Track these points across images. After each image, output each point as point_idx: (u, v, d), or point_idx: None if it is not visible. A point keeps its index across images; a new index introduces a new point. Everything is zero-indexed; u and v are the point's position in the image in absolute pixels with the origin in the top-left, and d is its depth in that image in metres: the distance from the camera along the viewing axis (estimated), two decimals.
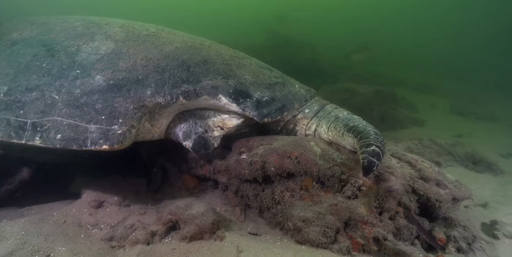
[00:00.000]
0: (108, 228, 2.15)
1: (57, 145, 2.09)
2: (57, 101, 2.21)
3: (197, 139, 2.38)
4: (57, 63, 2.40)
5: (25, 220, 2.02)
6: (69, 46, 2.50)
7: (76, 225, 2.13)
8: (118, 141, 2.10)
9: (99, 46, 2.49)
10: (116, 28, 2.73)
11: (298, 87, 2.80)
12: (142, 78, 2.30)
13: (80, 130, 2.12)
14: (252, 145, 2.51)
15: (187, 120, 2.47)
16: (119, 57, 2.40)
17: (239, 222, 2.33)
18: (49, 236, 1.94)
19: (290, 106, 2.57)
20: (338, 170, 2.09)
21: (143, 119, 2.26)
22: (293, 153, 2.22)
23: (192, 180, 2.65)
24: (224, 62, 2.59)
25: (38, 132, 2.10)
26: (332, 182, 2.10)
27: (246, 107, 2.38)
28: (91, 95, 2.23)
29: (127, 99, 2.22)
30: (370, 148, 1.90)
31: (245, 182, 2.39)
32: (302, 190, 2.22)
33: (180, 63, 2.42)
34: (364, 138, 2.05)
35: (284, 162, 2.20)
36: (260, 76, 2.64)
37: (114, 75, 2.30)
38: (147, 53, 2.46)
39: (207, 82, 2.36)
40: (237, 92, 2.40)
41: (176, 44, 2.62)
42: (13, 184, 2.34)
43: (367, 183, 1.98)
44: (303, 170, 2.17)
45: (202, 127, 2.46)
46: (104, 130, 2.12)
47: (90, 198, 2.34)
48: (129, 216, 2.29)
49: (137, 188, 2.67)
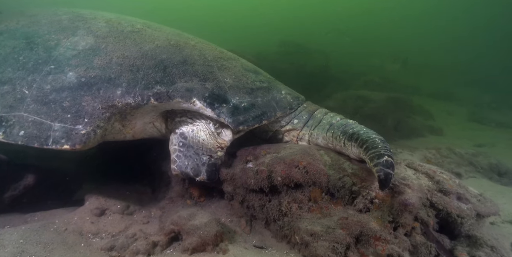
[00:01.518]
0: (109, 237, 2.09)
1: (19, 141, 2.02)
2: (27, 96, 2.14)
3: (209, 169, 2.25)
4: (34, 57, 2.33)
5: (26, 228, 1.99)
6: (50, 40, 2.44)
7: (77, 234, 2.08)
8: (81, 142, 2.01)
9: (78, 41, 2.41)
10: (101, 23, 2.66)
11: (284, 93, 2.60)
12: (114, 77, 2.21)
13: (44, 127, 2.04)
14: (258, 154, 2.41)
15: (187, 156, 2.30)
16: (96, 53, 2.32)
17: (244, 233, 2.22)
18: (48, 244, 1.90)
19: (271, 114, 2.39)
20: (349, 181, 1.96)
21: (112, 120, 2.17)
22: (301, 162, 2.11)
23: (197, 189, 2.57)
24: (206, 63, 2.46)
25: (2, 127, 2.03)
26: (343, 193, 1.97)
27: (221, 113, 2.23)
28: (61, 92, 2.15)
29: (96, 98, 2.13)
30: (382, 159, 1.75)
31: (251, 192, 2.29)
32: (311, 202, 2.10)
33: (157, 63, 2.31)
34: (372, 148, 1.87)
35: (292, 171, 2.09)
36: (243, 79, 2.48)
37: (86, 73, 2.22)
38: (124, 51, 2.36)
39: (182, 84, 2.24)
40: (214, 96, 2.25)
41: (158, 42, 2.51)
42: (17, 190, 2.33)
43: (380, 195, 1.84)
44: (311, 180, 2.06)
45: (206, 154, 2.31)
46: (68, 130, 2.04)
47: (93, 205, 2.30)
48: (132, 225, 2.23)
49: (141, 196, 2.62)
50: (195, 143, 2.34)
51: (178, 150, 2.32)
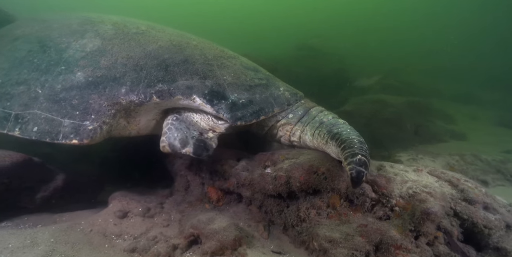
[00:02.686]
0: (131, 239, 2.16)
1: (33, 137, 2.16)
2: (40, 95, 2.29)
3: (197, 143, 2.29)
4: (46, 59, 2.49)
5: (55, 228, 2.09)
6: (61, 43, 2.60)
7: (101, 235, 2.16)
8: (88, 137, 2.14)
9: (86, 43, 2.56)
10: (108, 25, 2.79)
11: (283, 89, 2.64)
12: (119, 76, 2.33)
13: (55, 124, 2.18)
14: (277, 159, 2.43)
15: (178, 128, 2.36)
16: (102, 54, 2.45)
17: (262, 238, 2.23)
18: (75, 244, 1.98)
19: (268, 110, 2.44)
20: (368, 188, 1.94)
21: (117, 116, 2.28)
22: (319, 168, 2.11)
23: (216, 193, 2.61)
24: (206, 62, 2.54)
25: (18, 124, 2.18)
26: (362, 200, 1.95)
27: (220, 109, 2.30)
28: (70, 91, 2.29)
29: (102, 96, 2.25)
30: (356, 157, 1.78)
31: (269, 197, 2.31)
32: (329, 208, 2.09)
33: (159, 62, 2.41)
34: (348, 148, 1.91)
35: (310, 177, 2.09)
36: (241, 77, 2.54)
37: (93, 73, 2.35)
38: (129, 52, 2.48)
39: (183, 82, 2.32)
40: (213, 93, 2.33)
41: (161, 42, 2.62)
42: (47, 191, 2.45)
43: (401, 203, 1.81)
44: (330, 186, 2.05)
45: (197, 131, 2.38)
46: (76, 125, 2.17)
47: (116, 208, 2.38)
48: (152, 227, 2.29)
49: (161, 199, 2.69)
50: (188, 121, 2.42)
51: (170, 123, 2.38)
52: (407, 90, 6.60)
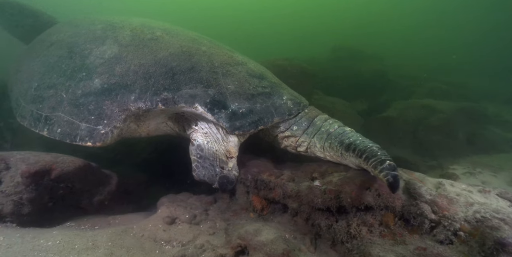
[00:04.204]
0: (180, 246, 2.21)
1: (57, 137, 2.39)
2: (64, 99, 2.50)
3: (220, 180, 2.47)
4: (71, 65, 2.68)
5: (112, 231, 2.20)
6: (85, 49, 2.77)
7: (152, 240, 2.24)
8: (100, 140, 2.34)
9: (105, 50, 2.71)
10: (127, 31, 2.91)
11: (286, 98, 2.63)
12: (130, 83, 2.45)
13: (74, 126, 2.39)
14: (325, 171, 2.37)
15: (204, 167, 2.52)
16: (118, 62, 2.58)
17: (309, 252, 2.19)
18: (130, 249, 2.07)
19: (267, 120, 2.45)
20: (427, 208, 1.82)
21: (127, 121, 2.44)
22: (372, 184, 2.02)
23: (260, 202, 2.60)
24: (212, 69, 2.58)
25: (47, 125, 2.45)
26: (420, 221, 1.83)
27: (220, 118, 2.37)
28: (88, 96, 2.46)
29: (114, 102, 2.41)
30: (385, 164, 1.78)
31: (317, 210, 2.25)
32: (382, 226, 1.99)
33: (167, 70, 2.50)
34: (372, 156, 1.90)
35: (362, 193, 2.01)
36: (245, 85, 2.55)
37: (109, 80, 2.50)
38: (141, 59, 2.59)
39: (187, 90, 2.40)
40: (214, 102, 2.39)
41: (172, 49, 2.69)
42: (103, 195, 2.59)
43: (466, 228, 1.67)
44: (383, 204, 1.95)
45: (218, 166, 2.50)
46: (91, 129, 2.36)
47: (164, 214, 2.46)
48: (199, 235, 2.33)
49: (206, 206, 2.74)
50: (210, 154, 2.53)
51: (196, 161, 2.56)
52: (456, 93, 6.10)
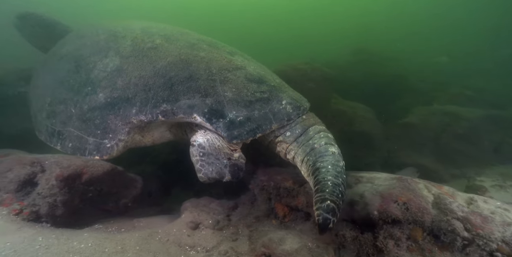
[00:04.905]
0: (204, 252, 2.25)
1: (69, 151, 2.50)
2: (73, 115, 2.59)
3: (231, 170, 2.41)
4: (78, 79, 2.75)
5: (138, 235, 2.26)
6: (89, 63, 2.82)
7: (177, 245, 2.28)
8: (107, 153, 2.46)
9: (108, 63, 2.76)
10: (128, 41, 2.94)
11: (285, 103, 2.56)
12: (131, 96, 2.50)
13: (83, 141, 2.50)
14: (349, 181, 2.35)
15: (210, 163, 2.44)
16: (119, 74, 2.64)
17: None
18: (156, 253, 2.12)
19: (266, 127, 2.42)
20: (460, 226, 1.78)
21: (131, 133, 2.51)
22: (400, 197, 1.99)
23: (282, 209, 2.61)
24: (209, 77, 2.57)
25: (60, 139, 2.56)
26: (451, 238, 1.80)
27: (218, 127, 2.36)
28: (94, 111, 2.55)
29: (117, 116, 2.48)
30: (324, 203, 1.77)
31: (342, 221, 2.24)
32: (409, 240, 1.96)
33: (165, 81, 2.52)
34: (320, 191, 1.89)
35: (390, 206, 1.98)
36: (243, 92, 2.52)
37: (111, 94, 2.55)
38: (141, 71, 2.62)
39: (185, 101, 2.42)
40: (212, 111, 2.39)
41: (170, 58, 2.71)
42: (128, 198, 2.66)
43: (505, 249, 1.62)
44: (412, 218, 1.92)
45: (225, 158, 2.45)
46: (98, 143, 2.47)
47: (188, 219, 2.50)
48: (222, 241, 2.36)
49: (228, 212, 2.76)
50: (213, 149, 2.48)
51: (200, 160, 2.48)
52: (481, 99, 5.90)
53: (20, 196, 2.24)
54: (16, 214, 2.15)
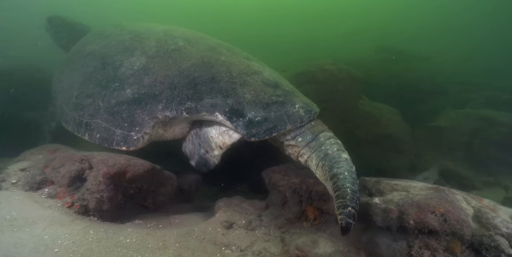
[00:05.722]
0: (238, 251, 2.34)
1: (96, 142, 2.70)
2: (101, 107, 2.77)
3: (199, 160, 2.75)
4: (106, 75, 2.94)
5: (177, 232, 2.38)
6: (116, 61, 3.01)
7: (212, 243, 2.38)
8: (133, 145, 2.63)
9: (134, 62, 2.94)
10: (152, 42, 3.14)
11: (298, 107, 2.74)
12: (158, 93, 2.70)
13: (110, 132, 2.67)
14: (383, 188, 2.37)
15: (192, 143, 2.78)
16: (146, 73, 2.83)
17: None
18: (195, 251, 2.23)
19: (281, 127, 2.59)
20: (504, 242, 1.76)
21: (156, 127, 2.70)
22: (437, 208, 1.99)
23: (313, 212, 2.66)
24: (230, 80, 2.75)
25: (87, 130, 2.76)
26: (494, 254, 1.78)
27: (238, 126, 2.55)
28: (121, 105, 2.72)
29: (144, 111, 2.66)
30: (346, 209, 1.98)
31: (376, 227, 2.26)
32: (447, 252, 1.95)
33: (190, 81, 2.72)
34: (341, 197, 2.08)
35: (427, 217, 1.98)
36: (260, 94, 2.71)
37: (139, 90, 2.74)
38: (166, 70, 2.81)
39: (208, 100, 2.61)
40: (233, 111, 2.57)
41: (194, 60, 2.90)
42: (164, 195, 2.79)
43: None
44: (450, 230, 1.92)
45: (204, 148, 2.73)
46: (125, 135, 2.65)
47: (222, 218, 2.60)
48: (256, 241, 2.45)
49: (259, 212, 2.85)
50: (204, 136, 2.78)
51: (191, 135, 2.83)
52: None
53: (71, 190, 2.41)
54: (68, 207, 2.32)
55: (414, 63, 7.77)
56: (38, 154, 3.05)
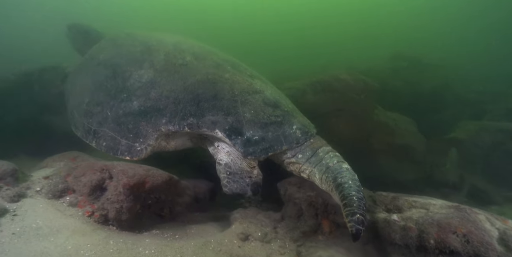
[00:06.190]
0: None
1: (102, 149, 2.81)
2: (108, 117, 2.88)
3: (252, 188, 2.80)
4: (115, 85, 3.04)
5: (194, 244, 2.39)
6: (126, 71, 3.11)
7: (229, 255, 2.37)
8: (136, 155, 2.75)
9: (143, 74, 3.04)
10: (161, 55, 3.22)
11: (295, 128, 2.85)
12: (162, 107, 2.80)
13: (116, 142, 2.78)
14: (402, 205, 2.34)
15: (235, 181, 2.82)
16: (153, 86, 2.93)
17: None
18: None
19: (277, 147, 2.72)
20: None
21: (159, 139, 2.81)
22: (459, 228, 1.95)
23: (329, 226, 2.65)
24: (232, 98, 2.85)
25: (95, 137, 2.86)
26: None
27: (236, 144, 2.67)
28: (128, 116, 2.83)
29: (149, 124, 2.78)
30: (355, 216, 2.07)
31: (392, 244, 2.24)
32: None
33: (194, 97, 2.82)
34: (348, 205, 2.16)
35: (448, 237, 1.95)
36: (260, 114, 2.81)
37: (145, 103, 2.85)
38: (172, 85, 2.91)
39: (209, 117, 2.73)
40: (232, 129, 2.69)
41: (199, 76, 2.99)
42: (182, 205, 2.82)
43: None
44: (473, 252, 1.88)
45: (247, 177, 2.81)
46: (130, 146, 2.76)
47: (239, 230, 2.61)
48: (271, 254, 2.44)
49: (275, 224, 2.84)
50: (237, 169, 2.83)
51: (227, 178, 2.87)
52: None
53: (91, 199, 2.47)
54: (89, 216, 2.37)
55: (429, 71, 7.66)
56: (59, 161, 3.15)
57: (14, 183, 2.48)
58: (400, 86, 6.75)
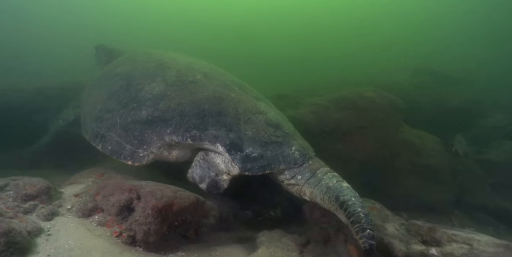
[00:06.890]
0: None
1: (107, 153, 2.94)
2: (117, 123, 3.02)
3: (210, 182, 2.86)
4: (127, 95, 3.21)
5: None
6: (139, 84, 3.29)
7: None
8: (138, 161, 2.85)
9: (154, 87, 3.20)
10: (173, 72, 3.41)
11: (294, 149, 2.87)
12: (169, 118, 2.91)
13: (121, 146, 2.91)
14: (440, 238, 2.22)
15: (201, 167, 2.91)
16: (162, 99, 3.06)
17: None
18: None
19: (274, 166, 2.74)
20: None
21: (161, 148, 2.90)
22: None
23: (357, 253, 2.54)
24: (236, 115, 2.94)
25: (101, 141, 3.02)
26: None
27: (235, 158, 2.71)
28: (135, 124, 2.96)
29: (154, 132, 2.88)
30: (366, 232, 2.08)
31: None
32: None
33: (199, 111, 2.93)
34: (357, 222, 2.17)
35: None
36: (261, 133, 2.87)
37: (153, 113, 2.97)
38: (180, 99, 3.04)
39: (212, 131, 2.80)
40: (232, 144, 2.75)
41: (206, 93, 3.13)
42: (207, 227, 2.81)
43: None
44: None
45: (214, 172, 2.87)
46: (133, 151, 2.87)
47: (265, 255, 2.54)
48: None
49: (301, 248, 2.76)
50: (211, 162, 2.90)
51: (198, 161, 2.97)
52: None
53: (119, 220, 2.48)
54: (117, 237, 2.38)
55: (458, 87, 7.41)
56: (87, 177, 3.21)
57: (48, 201, 2.53)
58: (426, 102, 6.57)
